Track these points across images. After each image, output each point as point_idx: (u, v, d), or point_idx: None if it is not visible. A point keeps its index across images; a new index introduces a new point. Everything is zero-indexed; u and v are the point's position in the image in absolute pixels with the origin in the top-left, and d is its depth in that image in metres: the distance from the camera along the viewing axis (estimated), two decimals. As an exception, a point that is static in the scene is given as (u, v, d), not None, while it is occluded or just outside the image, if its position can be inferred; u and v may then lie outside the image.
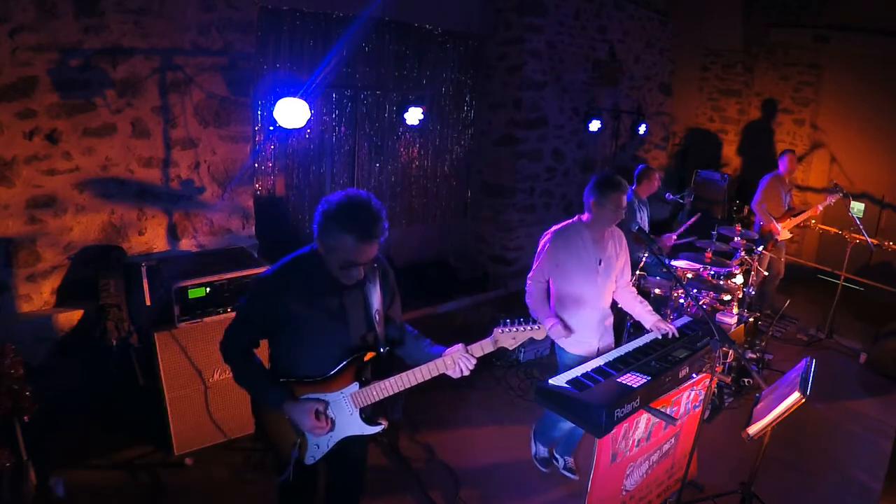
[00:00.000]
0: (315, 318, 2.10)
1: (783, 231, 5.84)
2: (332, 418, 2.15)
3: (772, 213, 5.85)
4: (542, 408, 3.51)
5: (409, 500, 3.33)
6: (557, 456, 3.65)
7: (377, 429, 2.20)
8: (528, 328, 2.18)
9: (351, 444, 2.25)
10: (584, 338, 3.23)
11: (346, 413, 2.17)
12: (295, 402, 2.11)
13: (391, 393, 2.16)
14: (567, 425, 3.45)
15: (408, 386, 2.16)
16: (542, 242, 3.26)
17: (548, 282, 3.28)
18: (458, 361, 2.16)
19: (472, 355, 2.17)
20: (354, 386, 2.15)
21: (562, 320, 3.12)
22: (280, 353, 2.21)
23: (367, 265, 2.09)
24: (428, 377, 2.16)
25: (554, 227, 3.25)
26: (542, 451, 3.60)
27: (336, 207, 1.98)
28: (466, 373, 2.17)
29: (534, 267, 3.27)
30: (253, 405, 2.29)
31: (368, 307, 2.18)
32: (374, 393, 2.15)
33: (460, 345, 2.19)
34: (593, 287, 3.21)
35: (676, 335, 3.21)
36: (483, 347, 2.19)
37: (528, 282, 3.27)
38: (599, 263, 3.19)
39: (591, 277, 3.19)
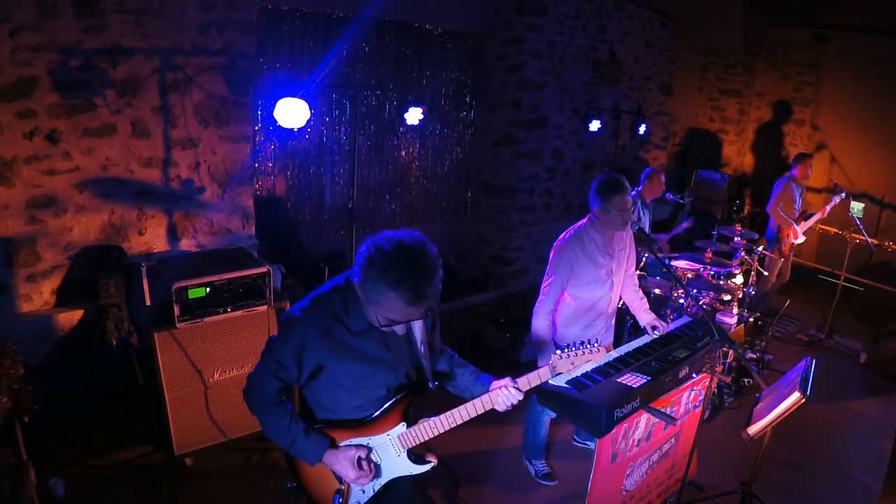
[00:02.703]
0: (356, 359, 1.89)
1: (800, 234, 5.81)
2: (376, 464, 1.99)
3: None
4: (526, 419, 3.53)
5: (409, 500, 3.32)
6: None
7: (427, 467, 2.03)
8: (587, 349, 2.02)
9: (397, 482, 2.07)
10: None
11: (392, 455, 2.01)
12: (335, 451, 1.92)
13: (441, 432, 2.00)
14: (544, 430, 3.47)
15: (458, 423, 2.00)
16: (555, 253, 3.15)
17: (554, 307, 3.16)
18: (505, 395, 1.99)
19: (519, 389, 2.00)
20: (402, 426, 1.98)
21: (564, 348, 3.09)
22: (316, 398, 2.00)
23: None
24: (479, 413, 2.01)
25: (564, 236, 3.18)
26: (541, 466, 3.59)
27: (384, 258, 1.67)
28: (510, 407, 2.01)
29: (547, 288, 3.12)
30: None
31: (413, 340, 1.99)
32: (423, 432, 1.99)
33: (507, 378, 2.03)
34: (607, 290, 3.20)
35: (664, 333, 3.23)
36: (541, 375, 2.02)
37: (539, 313, 3.12)
38: (611, 266, 3.19)
39: (605, 280, 3.17)
